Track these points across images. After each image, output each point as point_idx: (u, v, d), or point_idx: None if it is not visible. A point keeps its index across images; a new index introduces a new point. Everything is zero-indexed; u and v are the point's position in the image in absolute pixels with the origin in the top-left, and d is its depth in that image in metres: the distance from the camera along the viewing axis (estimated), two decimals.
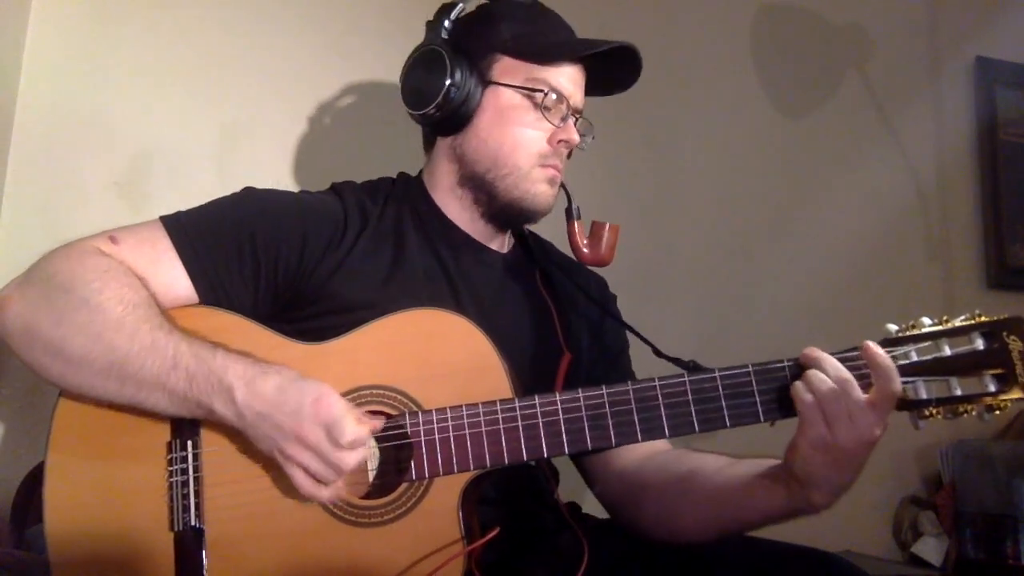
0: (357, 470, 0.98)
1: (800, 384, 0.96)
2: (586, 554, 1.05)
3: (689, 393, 1.00)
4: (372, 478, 1.05)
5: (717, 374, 1.01)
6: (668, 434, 1.01)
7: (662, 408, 1.00)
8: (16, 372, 1.51)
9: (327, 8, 1.83)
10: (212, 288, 1.10)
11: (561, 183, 1.26)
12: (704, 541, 1.09)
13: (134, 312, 1.01)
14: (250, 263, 1.12)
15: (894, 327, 0.99)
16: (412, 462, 1.01)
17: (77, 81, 1.64)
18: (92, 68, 1.66)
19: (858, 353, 0.97)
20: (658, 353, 1.18)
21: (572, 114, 1.24)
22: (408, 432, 1.02)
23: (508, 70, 1.22)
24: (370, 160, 1.52)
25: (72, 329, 1.00)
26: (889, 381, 0.93)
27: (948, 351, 0.97)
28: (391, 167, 1.36)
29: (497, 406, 1.02)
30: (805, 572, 1.02)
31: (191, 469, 1.02)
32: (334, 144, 1.79)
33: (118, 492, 1.03)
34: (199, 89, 1.71)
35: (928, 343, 0.97)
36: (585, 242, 1.31)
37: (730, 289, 2.12)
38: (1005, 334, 0.95)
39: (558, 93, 1.21)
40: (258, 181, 1.23)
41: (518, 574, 1.11)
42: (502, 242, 1.32)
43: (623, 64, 1.25)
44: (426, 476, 1.01)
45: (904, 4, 2.43)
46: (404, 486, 1.02)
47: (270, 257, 1.12)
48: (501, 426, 1.01)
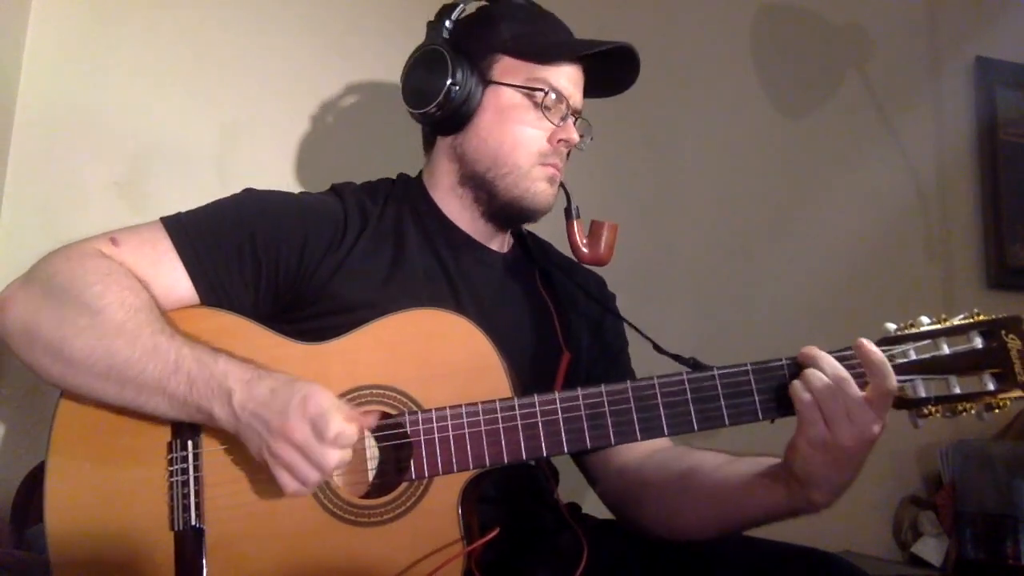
0: (342, 468, 0.98)
1: (798, 383, 0.96)
2: (585, 554, 1.05)
3: (688, 392, 1.00)
4: (372, 477, 1.05)
5: (716, 373, 1.01)
6: (667, 433, 1.01)
7: (661, 407, 1.00)
8: (16, 372, 1.51)
9: (327, 8, 1.83)
10: (213, 289, 1.10)
11: (560, 182, 1.27)
12: (705, 539, 1.09)
13: (135, 316, 1.01)
14: (250, 264, 1.12)
15: (893, 326, 0.99)
16: (412, 461, 1.02)
17: (77, 81, 1.64)
18: (92, 68, 1.66)
19: (854, 351, 0.97)
20: (658, 349, 1.18)
21: (571, 114, 1.25)
22: (408, 432, 1.02)
23: (508, 70, 1.23)
24: (370, 160, 1.52)
25: (73, 331, 1.00)
26: (884, 378, 0.93)
27: (947, 350, 0.97)
28: (391, 167, 1.36)
29: (496, 406, 1.02)
30: (805, 572, 1.02)
31: (191, 469, 1.02)
32: (334, 144, 1.79)
33: (118, 492, 1.03)
34: (199, 89, 1.71)
35: (927, 342, 0.97)
36: (584, 241, 1.31)
37: (730, 289, 2.12)
38: (1004, 333, 0.95)
39: (558, 93, 1.22)
40: (258, 181, 1.23)
41: (518, 574, 1.11)
42: (502, 242, 1.32)
43: (622, 64, 1.26)
44: (425, 475, 1.01)
45: (904, 4, 2.43)
46: (404, 485, 1.02)
47: (270, 258, 1.12)
48: (500, 426, 1.01)
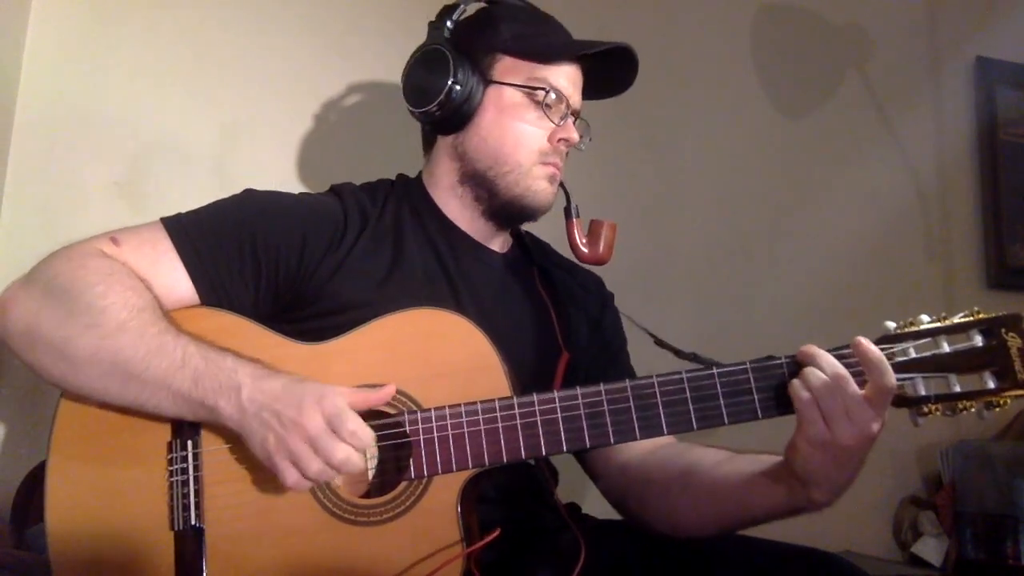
0: (350, 471, 0.98)
1: (797, 382, 0.96)
2: (583, 553, 1.05)
3: (687, 391, 1.00)
4: (372, 477, 1.05)
5: (715, 371, 1.00)
6: (666, 432, 1.00)
7: (660, 406, 1.00)
8: (16, 372, 1.51)
9: (327, 8, 1.83)
10: (213, 289, 1.10)
11: (560, 182, 1.27)
12: (706, 536, 1.09)
13: (139, 316, 1.01)
14: (250, 264, 1.12)
15: (892, 324, 0.99)
16: (411, 461, 1.02)
17: (77, 81, 1.64)
18: (92, 68, 1.66)
19: (852, 350, 0.97)
20: (659, 342, 1.18)
21: (571, 114, 1.25)
22: (407, 431, 1.02)
23: (509, 69, 1.23)
24: (370, 160, 1.52)
25: (76, 331, 1.00)
26: (882, 375, 0.93)
27: (947, 348, 0.96)
28: (391, 167, 1.36)
29: (496, 405, 1.02)
30: (805, 572, 1.01)
31: (191, 468, 1.02)
32: (334, 144, 1.79)
33: (119, 492, 1.03)
34: (199, 89, 1.71)
35: (927, 340, 0.97)
36: (584, 240, 1.31)
37: (730, 289, 2.12)
38: (1004, 331, 0.95)
39: (558, 92, 1.22)
40: (258, 181, 1.23)
41: (517, 573, 1.11)
42: (501, 242, 1.32)
43: (621, 65, 1.26)
44: (425, 475, 1.01)
45: (904, 4, 2.43)
46: (403, 485, 1.02)
47: (270, 258, 1.13)
48: (500, 425, 1.01)
